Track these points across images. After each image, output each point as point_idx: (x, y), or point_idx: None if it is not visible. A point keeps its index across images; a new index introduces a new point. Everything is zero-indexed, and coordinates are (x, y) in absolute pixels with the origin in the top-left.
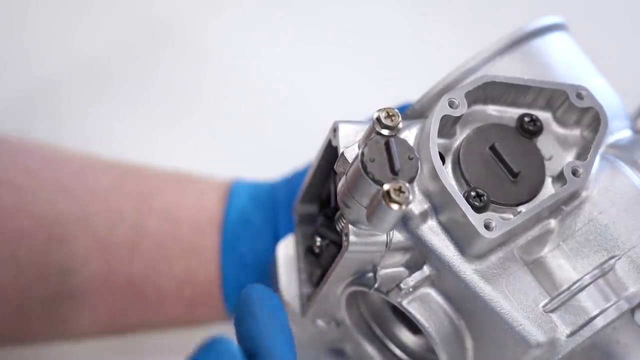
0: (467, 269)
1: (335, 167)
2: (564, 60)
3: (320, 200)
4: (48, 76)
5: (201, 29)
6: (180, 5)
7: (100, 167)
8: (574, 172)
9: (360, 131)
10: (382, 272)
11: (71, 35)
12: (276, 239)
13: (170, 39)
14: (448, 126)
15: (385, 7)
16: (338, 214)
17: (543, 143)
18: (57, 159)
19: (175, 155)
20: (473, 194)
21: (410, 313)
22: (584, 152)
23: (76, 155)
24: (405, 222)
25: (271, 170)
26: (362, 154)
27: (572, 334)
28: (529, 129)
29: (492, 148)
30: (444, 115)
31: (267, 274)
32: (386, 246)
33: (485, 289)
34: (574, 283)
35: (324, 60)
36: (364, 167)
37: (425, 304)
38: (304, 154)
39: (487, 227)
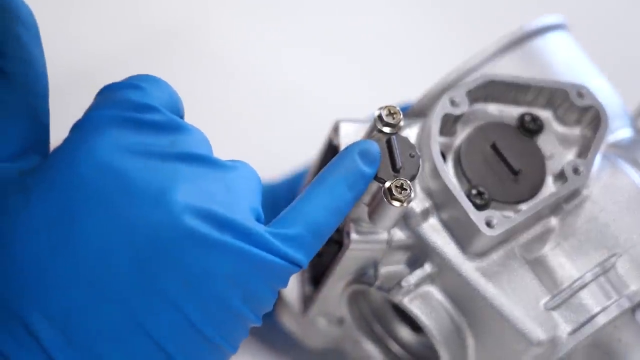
0: (468, 267)
1: None
2: (565, 60)
3: None
4: (51, 77)
5: (202, 30)
6: (183, 6)
7: None
8: (575, 170)
9: (361, 130)
10: (383, 270)
11: (75, 37)
12: None
13: (171, 40)
14: (449, 124)
15: (387, 6)
16: None
17: (544, 141)
18: None
19: None
20: (474, 192)
21: (411, 311)
22: (585, 150)
23: None
24: (406, 219)
25: (271, 170)
26: None
27: (574, 331)
28: (530, 128)
29: (493, 146)
30: (445, 114)
31: None
32: (387, 244)
33: (487, 287)
34: (575, 281)
35: (324, 60)
36: None
37: (426, 302)
38: (304, 154)
39: (488, 224)
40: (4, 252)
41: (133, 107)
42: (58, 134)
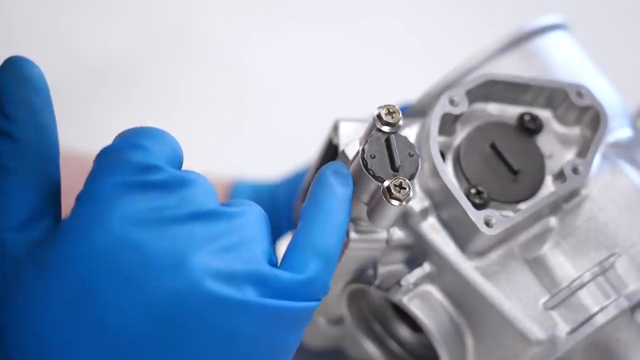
0: (467, 266)
1: None
2: (564, 59)
3: None
4: (51, 76)
5: (202, 29)
6: (182, 6)
7: None
8: (574, 170)
9: (360, 129)
10: (382, 269)
11: (75, 37)
12: (277, 239)
13: (171, 40)
14: (448, 124)
15: (386, 6)
16: None
17: (543, 141)
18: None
19: None
20: (473, 191)
21: (410, 310)
22: (584, 150)
23: (77, 155)
24: (405, 219)
25: (272, 170)
26: (363, 150)
27: (572, 331)
28: (529, 127)
29: (493, 146)
30: (445, 113)
31: None
32: (386, 243)
33: (486, 286)
34: (574, 280)
35: (324, 60)
36: (365, 164)
37: (425, 301)
38: (304, 153)
39: (487, 224)
40: (23, 328)
41: (137, 170)
42: (64, 130)
